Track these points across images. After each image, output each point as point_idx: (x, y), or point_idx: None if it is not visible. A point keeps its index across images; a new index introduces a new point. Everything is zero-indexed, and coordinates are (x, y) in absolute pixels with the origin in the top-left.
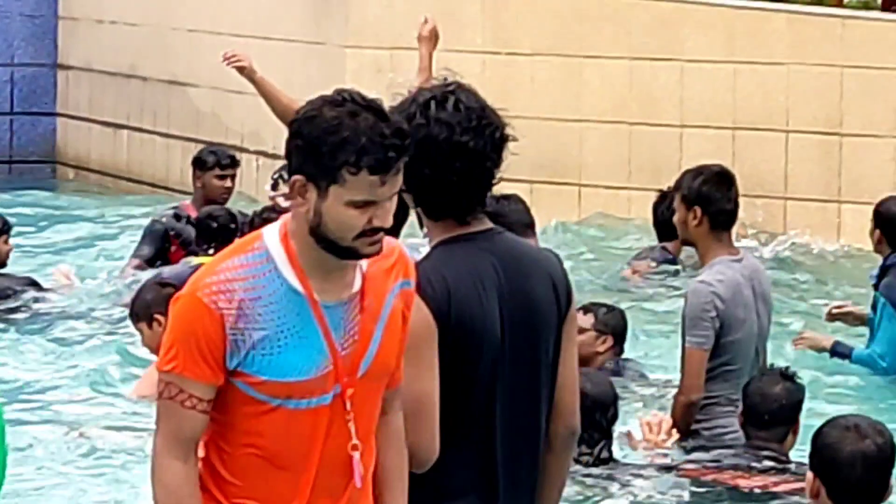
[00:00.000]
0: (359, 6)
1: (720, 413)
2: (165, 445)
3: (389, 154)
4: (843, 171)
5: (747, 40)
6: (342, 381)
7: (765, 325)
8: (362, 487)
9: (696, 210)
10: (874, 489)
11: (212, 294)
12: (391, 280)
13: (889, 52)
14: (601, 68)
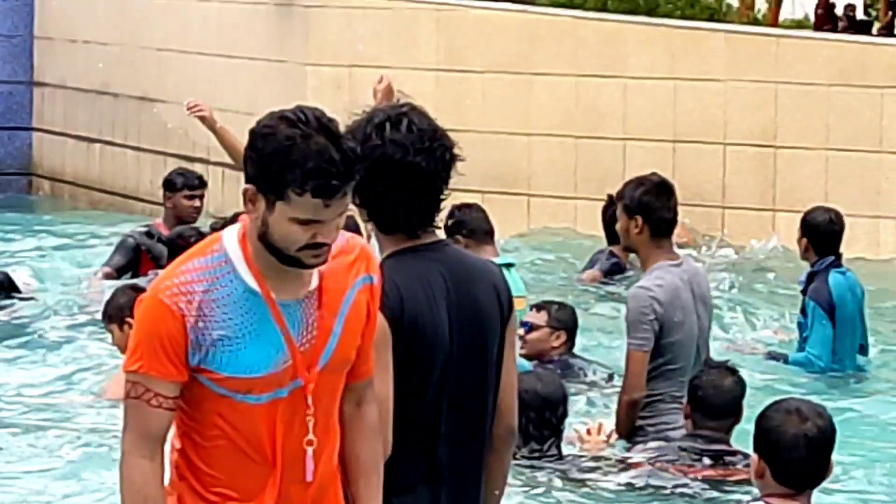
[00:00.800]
0: (319, 26)
1: (665, 410)
2: (133, 444)
3: (333, 182)
4: (778, 182)
5: (687, 58)
6: (302, 375)
7: (705, 326)
8: (327, 476)
9: (638, 219)
10: (816, 469)
11: (172, 296)
12: (352, 276)
13: (821, 69)
14: (549, 85)
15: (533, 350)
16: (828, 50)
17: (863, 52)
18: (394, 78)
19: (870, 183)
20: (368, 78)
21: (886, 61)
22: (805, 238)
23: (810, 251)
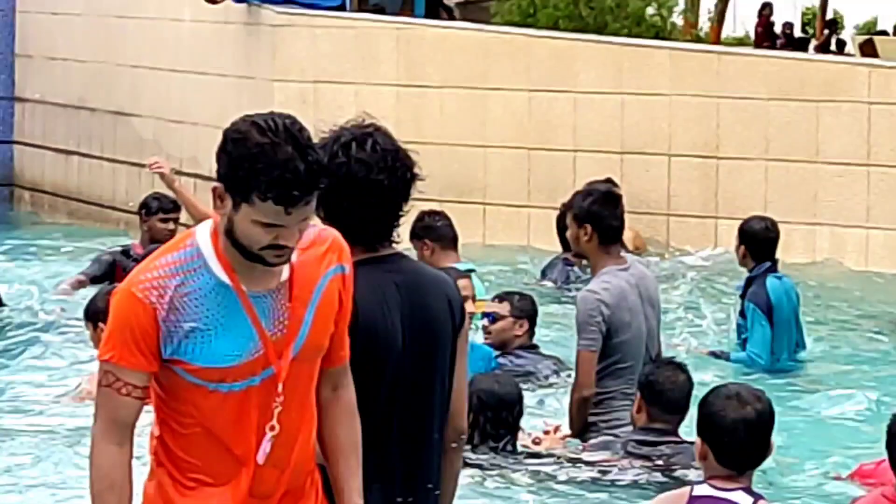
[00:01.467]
0: (285, 44)
1: (617, 407)
2: (103, 430)
3: (295, 192)
4: (720, 191)
5: (633, 74)
6: (274, 363)
7: (653, 326)
8: (301, 462)
9: (587, 227)
10: (756, 450)
11: (145, 290)
12: (324, 266)
13: (760, 84)
14: (503, 99)
15: (498, 339)
16: (767, 66)
17: (800, 68)
18: (356, 93)
19: (807, 192)
20: (332, 93)
21: (822, 77)
22: (743, 245)
23: (748, 258)
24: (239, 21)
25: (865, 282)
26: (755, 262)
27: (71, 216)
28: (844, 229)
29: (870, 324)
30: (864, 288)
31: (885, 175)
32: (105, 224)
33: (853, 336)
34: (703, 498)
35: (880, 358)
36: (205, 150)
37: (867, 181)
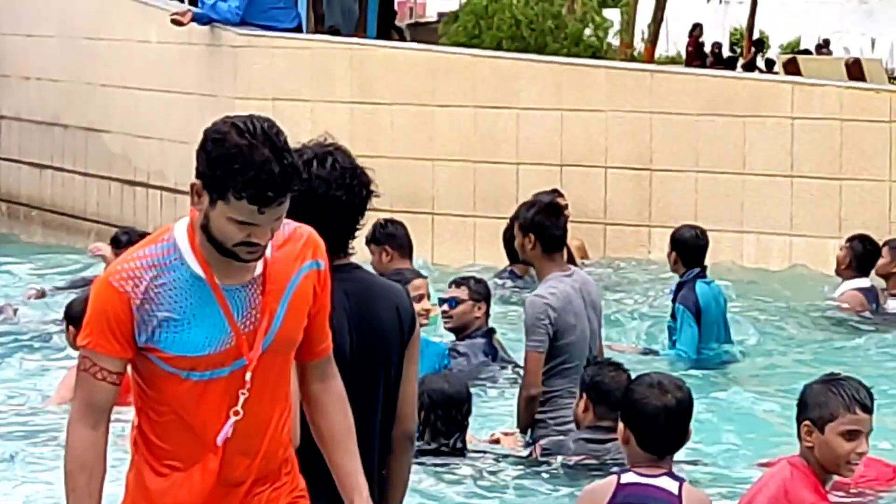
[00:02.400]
0: (245, 64)
1: (563, 404)
2: (78, 412)
3: (269, 193)
4: (653, 200)
5: (572, 91)
6: (245, 354)
7: (595, 328)
8: (274, 451)
9: (531, 236)
10: (676, 436)
11: (121, 280)
12: (298, 262)
13: (691, 101)
14: (450, 115)
15: (459, 322)
16: (697, 83)
17: (727, 85)
18: (312, 110)
19: (734, 201)
20: (290, 110)
21: (748, 93)
22: (674, 252)
23: (679, 264)
24: (202, 42)
25: (791, 280)
26: (686, 267)
27: (45, 226)
28: (769, 236)
29: (795, 320)
30: (790, 287)
31: (808, 186)
32: (77, 233)
33: (779, 332)
34: (631, 485)
35: (807, 350)
36: (171, 163)
37: (791, 191)
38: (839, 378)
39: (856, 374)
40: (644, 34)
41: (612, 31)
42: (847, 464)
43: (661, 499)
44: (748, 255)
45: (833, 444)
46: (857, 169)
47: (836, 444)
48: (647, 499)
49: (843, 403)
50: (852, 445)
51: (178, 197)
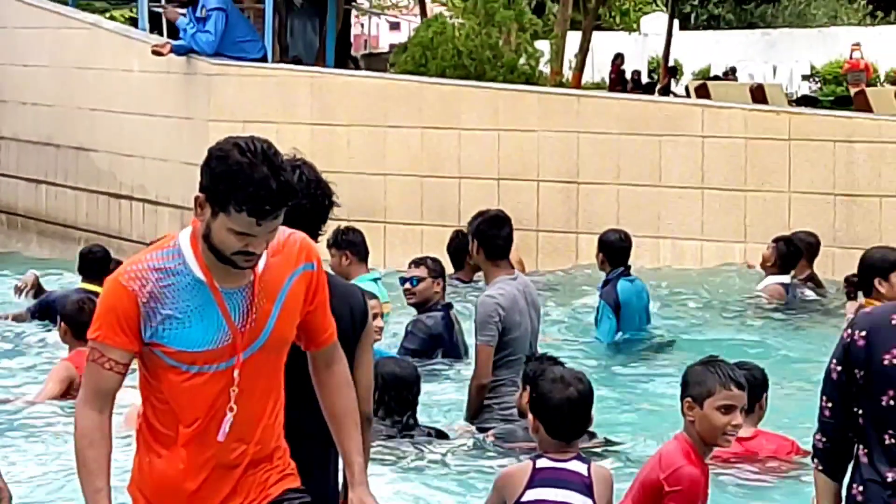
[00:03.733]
0: (218, 90)
1: (507, 392)
2: (86, 397)
3: (266, 207)
4: (580, 210)
5: (507, 113)
6: (241, 352)
7: (536, 326)
8: (267, 439)
9: (476, 243)
10: (579, 424)
11: (129, 279)
12: (291, 266)
13: (613, 122)
14: (399, 135)
15: (421, 297)
16: (618, 106)
17: (646, 108)
18: (277, 131)
19: (652, 211)
20: (258, 131)
21: (664, 115)
22: (601, 253)
23: (605, 264)
24: (179, 71)
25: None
26: (611, 267)
27: (40, 235)
28: (683, 241)
29: (721, 309)
30: (722, 282)
31: (716, 196)
32: (69, 241)
33: (706, 320)
34: (545, 469)
35: (728, 334)
36: (152, 178)
37: (701, 201)
38: (716, 359)
39: (768, 355)
40: (572, 63)
41: (543, 61)
42: (724, 435)
43: (573, 480)
44: (664, 258)
45: (711, 417)
46: (759, 182)
47: (714, 417)
48: (560, 481)
49: (719, 381)
50: (728, 418)
51: (158, 208)
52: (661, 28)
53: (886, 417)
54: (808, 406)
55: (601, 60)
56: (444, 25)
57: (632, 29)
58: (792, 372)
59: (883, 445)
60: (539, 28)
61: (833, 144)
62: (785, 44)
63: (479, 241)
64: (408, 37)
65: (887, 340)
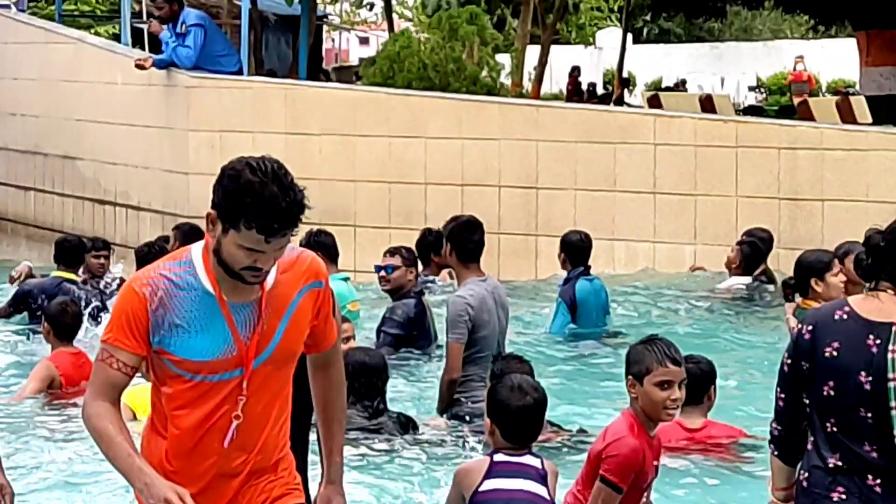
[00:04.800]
0: (197, 101)
1: (476, 387)
2: (95, 391)
3: (274, 224)
4: (539, 214)
5: (471, 123)
6: (245, 364)
7: (504, 325)
8: (271, 447)
9: (448, 246)
10: (533, 429)
11: (141, 285)
12: (299, 283)
13: (570, 130)
14: (369, 144)
15: (396, 285)
16: (575, 116)
17: (601, 117)
18: (253, 140)
19: (607, 214)
20: (234, 140)
21: (618, 123)
22: (563, 253)
23: (567, 263)
24: (160, 83)
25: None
26: (572, 266)
27: (29, 239)
28: (636, 244)
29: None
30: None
31: (668, 201)
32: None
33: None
34: (502, 462)
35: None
36: (134, 185)
37: (654, 206)
38: (654, 338)
39: (724, 349)
40: (531, 75)
41: (504, 73)
42: (664, 409)
43: (529, 471)
44: (619, 259)
45: (651, 393)
46: (708, 187)
47: (653, 393)
48: (516, 472)
49: (656, 359)
50: (666, 393)
51: (140, 213)
52: (616, 42)
53: (828, 407)
54: (759, 397)
55: (559, 73)
56: (411, 40)
57: (588, 43)
58: (746, 365)
59: (826, 433)
60: (500, 42)
61: (778, 151)
62: (732, 56)
63: (451, 244)
64: (376, 51)
65: (829, 334)
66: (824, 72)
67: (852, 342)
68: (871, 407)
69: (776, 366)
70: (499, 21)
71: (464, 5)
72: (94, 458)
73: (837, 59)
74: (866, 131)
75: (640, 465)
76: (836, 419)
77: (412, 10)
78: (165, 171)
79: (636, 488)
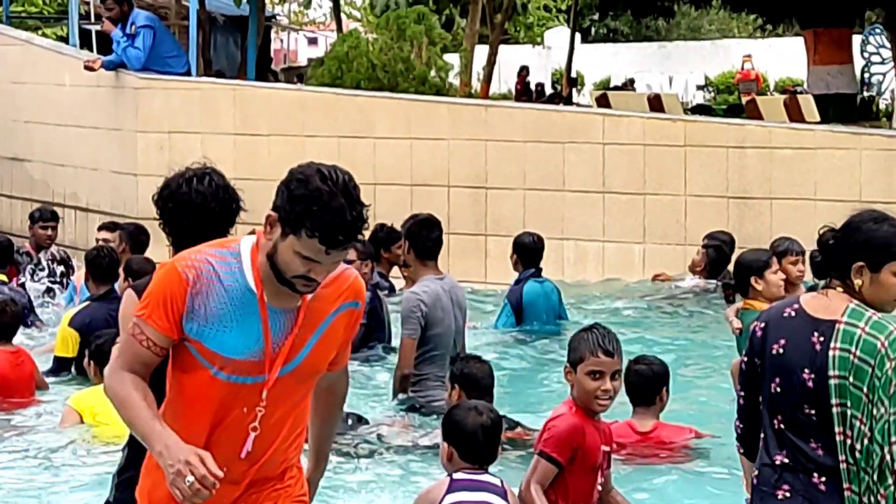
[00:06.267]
0: (145, 102)
1: (431, 386)
2: (121, 363)
3: (339, 237)
4: (488, 214)
5: (420, 123)
6: (267, 373)
7: (460, 324)
8: (280, 457)
9: (406, 244)
10: (491, 449)
11: (185, 267)
12: (338, 301)
13: (518, 130)
14: (317, 144)
15: None
16: (524, 115)
17: (549, 117)
18: (202, 141)
19: (556, 213)
20: (183, 141)
21: (566, 123)
22: (515, 255)
23: (518, 264)
24: (108, 85)
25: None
26: (524, 267)
27: None
28: (586, 243)
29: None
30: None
31: (617, 200)
32: None
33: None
34: (462, 480)
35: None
36: (83, 187)
37: (602, 205)
38: (592, 327)
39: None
40: (479, 75)
41: (452, 73)
42: (595, 399)
43: (490, 487)
44: (568, 258)
45: (583, 382)
46: (657, 186)
47: (585, 382)
48: (478, 487)
49: (589, 348)
50: (597, 384)
51: (89, 215)
52: (564, 41)
53: (775, 404)
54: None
55: (507, 72)
56: (359, 40)
57: (536, 42)
58: (706, 367)
59: (774, 430)
60: (448, 42)
61: (726, 150)
62: (680, 56)
63: (410, 242)
64: (325, 51)
65: (778, 331)
66: (772, 71)
67: (797, 339)
68: (814, 404)
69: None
70: (447, 21)
71: (412, 5)
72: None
73: (785, 57)
74: (814, 130)
75: (580, 441)
76: (782, 416)
77: (360, 11)
78: (114, 172)
79: (584, 468)
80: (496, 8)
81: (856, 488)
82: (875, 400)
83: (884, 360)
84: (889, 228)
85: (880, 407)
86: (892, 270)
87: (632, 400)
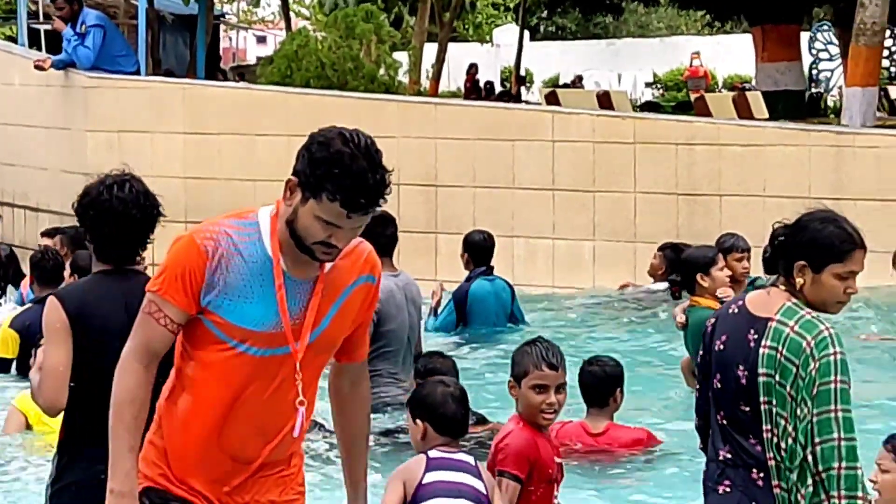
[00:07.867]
0: (95, 101)
1: (383, 383)
2: (134, 350)
3: (361, 200)
4: (438, 211)
5: (369, 121)
6: (291, 344)
7: (415, 321)
8: (298, 436)
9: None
10: (463, 418)
11: (204, 239)
12: (355, 274)
13: (469, 128)
14: (268, 143)
15: None
16: (473, 113)
17: (498, 115)
18: (151, 140)
19: (506, 211)
20: (133, 140)
21: (516, 121)
22: (466, 253)
23: (469, 263)
24: (58, 84)
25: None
26: (475, 265)
27: None
28: (536, 240)
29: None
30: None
31: (567, 197)
32: None
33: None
34: (438, 458)
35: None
36: (32, 186)
37: (552, 202)
38: (536, 341)
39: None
40: (429, 73)
41: (401, 71)
42: (541, 413)
43: (466, 468)
44: (518, 255)
45: (527, 396)
46: (607, 183)
47: (530, 396)
48: (454, 467)
49: (533, 362)
50: (542, 398)
51: (39, 214)
52: (513, 39)
53: (717, 399)
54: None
55: (456, 70)
56: (308, 38)
57: (485, 40)
58: (661, 369)
59: (718, 426)
60: (397, 40)
61: (675, 147)
62: (629, 53)
63: (364, 238)
64: (274, 50)
65: (722, 328)
66: (720, 68)
67: (736, 336)
68: (749, 401)
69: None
70: (396, 19)
71: (360, 3)
72: None
73: (733, 54)
74: (763, 126)
75: (536, 455)
76: (724, 412)
77: (309, 9)
78: (64, 171)
79: (541, 481)
80: (445, 6)
81: (784, 485)
82: (799, 400)
83: (808, 360)
84: (835, 230)
85: (804, 407)
86: (834, 272)
87: (585, 400)
